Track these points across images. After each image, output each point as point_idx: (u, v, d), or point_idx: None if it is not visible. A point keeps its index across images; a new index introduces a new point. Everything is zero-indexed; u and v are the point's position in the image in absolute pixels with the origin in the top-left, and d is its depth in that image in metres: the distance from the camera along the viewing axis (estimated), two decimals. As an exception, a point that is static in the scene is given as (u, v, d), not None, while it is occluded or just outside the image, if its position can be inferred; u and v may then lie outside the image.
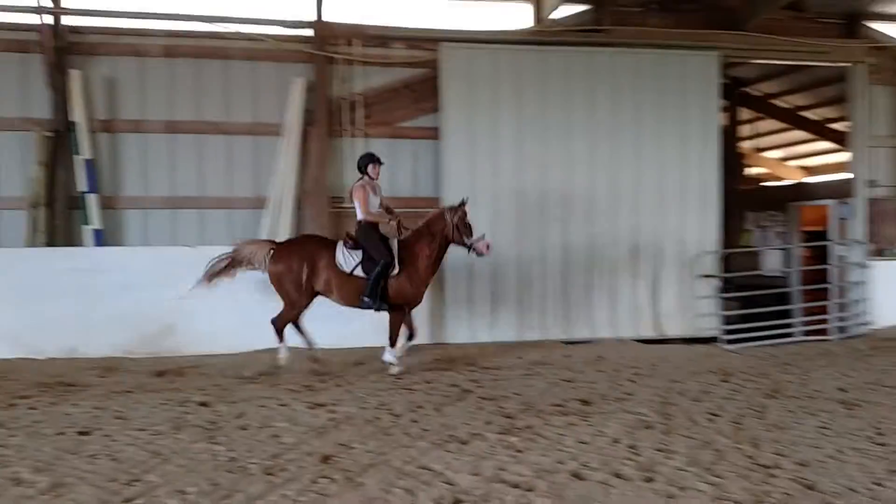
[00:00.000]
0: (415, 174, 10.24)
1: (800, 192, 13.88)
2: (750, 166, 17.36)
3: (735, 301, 10.50)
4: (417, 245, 7.90)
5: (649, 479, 4.43)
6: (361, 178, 7.97)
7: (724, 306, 10.24)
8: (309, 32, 9.91)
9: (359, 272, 7.74)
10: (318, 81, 9.87)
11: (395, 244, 7.91)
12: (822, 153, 16.28)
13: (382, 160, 8.07)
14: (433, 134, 10.04)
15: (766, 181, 17.34)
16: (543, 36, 10.21)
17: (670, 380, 7.52)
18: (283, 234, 9.60)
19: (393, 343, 8.02)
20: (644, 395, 6.77)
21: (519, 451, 4.98)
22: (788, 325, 10.37)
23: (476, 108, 9.91)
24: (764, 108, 15.49)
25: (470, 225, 7.87)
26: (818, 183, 14.54)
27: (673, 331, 10.35)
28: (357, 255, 7.77)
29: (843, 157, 12.52)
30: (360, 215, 7.87)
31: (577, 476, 4.48)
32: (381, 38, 10.04)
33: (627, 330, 10.23)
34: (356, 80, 10.03)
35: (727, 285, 10.53)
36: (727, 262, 11.06)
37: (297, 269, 7.76)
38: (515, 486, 4.30)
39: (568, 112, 10.11)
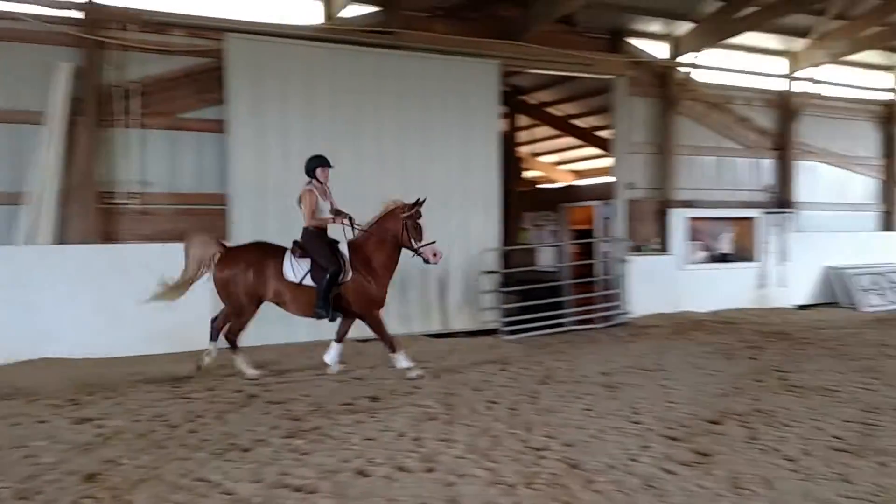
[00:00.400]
0: (198, 169, 9.72)
1: (570, 194, 15.14)
2: (527, 169, 18.62)
3: (514, 295, 11.18)
4: (370, 243, 7.55)
5: (430, 470, 4.58)
6: (310, 182, 7.51)
7: (504, 300, 10.86)
8: (79, 14, 9.04)
9: (308, 282, 7.31)
10: (88, 67, 9.03)
11: (344, 248, 7.53)
12: (589, 158, 17.85)
13: (332, 163, 7.63)
14: (218, 127, 9.61)
15: (541, 184, 18.70)
16: (333, 34, 10.14)
17: (455, 371, 7.83)
18: (45, 232, 8.72)
19: (392, 346, 7.63)
20: (430, 388, 6.98)
21: (304, 453, 4.93)
22: (560, 316, 11.22)
23: (264, 101, 9.63)
24: (539, 115, 16.64)
25: (421, 227, 7.49)
26: (585, 186, 15.91)
27: (459, 324, 10.79)
28: (305, 264, 7.34)
29: (607, 162, 13.76)
30: (305, 221, 7.42)
31: (361, 473, 4.52)
32: (159, 24, 9.40)
33: (417, 325, 10.50)
34: (132, 68, 9.32)
35: (507, 280, 11.19)
36: (507, 259, 11.76)
37: (244, 277, 7.33)
38: (298, 489, 4.25)
39: (358, 111, 10.14)
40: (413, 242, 7.47)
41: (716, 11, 12.34)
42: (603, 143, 14.82)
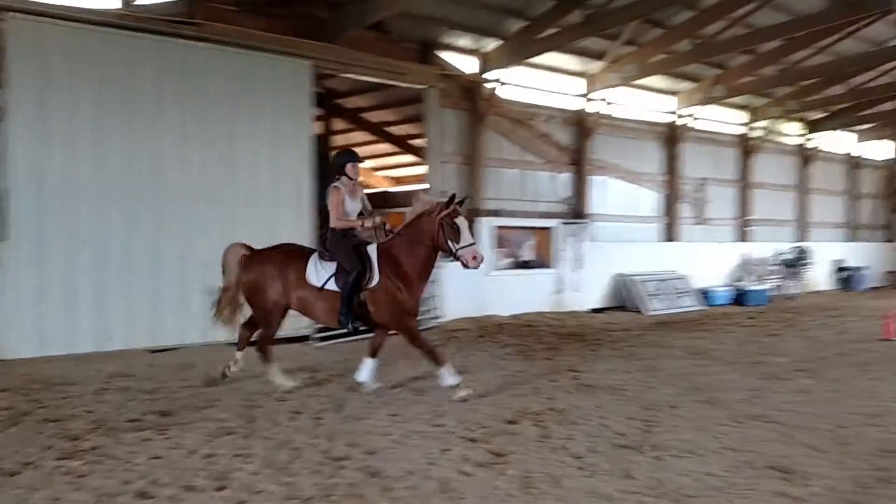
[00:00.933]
0: (-33, 159, 8.65)
1: (386, 200, 15.22)
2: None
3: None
4: (402, 246, 6.82)
5: (221, 488, 4.36)
6: (339, 180, 6.81)
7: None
8: None
9: (331, 286, 6.62)
10: None
11: (373, 251, 6.79)
12: (405, 165, 18.11)
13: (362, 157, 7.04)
14: (-6, 114, 8.62)
15: (358, 188, 18.62)
16: (130, 21, 9.40)
17: (259, 381, 7.49)
18: None
19: (438, 360, 6.86)
20: (230, 401, 6.66)
21: (81, 475, 4.52)
22: (373, 322, 11.20)
23: (50, 88, 8.80)
24: (356, 120, 16.61)
25: (459, 227, 6.74)
26: (401, 192, 16.09)
27: (266, 331, 10.42)
28: (330, 268, 6.66)
29: (422, 169, 14.00)
30: (331, 222, 6.70)
31: (143, 495, 4.21)
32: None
33: (220, 332, 9.97)
34: None
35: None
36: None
37: (268, 282, 6.74)
38: (70, 516, 3.87)
39: (159, 104, 9.53)
40: (451, 244, 6.79)
41: (520, 30, 12.97)
42: (417, 152, 15.07)
